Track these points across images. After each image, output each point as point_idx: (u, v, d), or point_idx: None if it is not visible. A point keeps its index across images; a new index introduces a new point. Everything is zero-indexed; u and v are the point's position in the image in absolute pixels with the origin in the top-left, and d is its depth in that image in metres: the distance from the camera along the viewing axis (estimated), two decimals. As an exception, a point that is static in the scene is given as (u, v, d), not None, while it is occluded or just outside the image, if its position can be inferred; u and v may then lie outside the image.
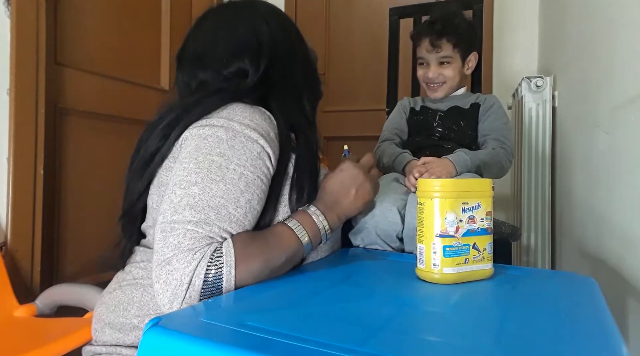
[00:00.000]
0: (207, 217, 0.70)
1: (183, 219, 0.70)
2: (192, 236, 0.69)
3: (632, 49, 1.05)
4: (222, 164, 0.74)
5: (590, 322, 0.57)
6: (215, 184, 0.72)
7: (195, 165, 0.74)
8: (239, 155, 0.75)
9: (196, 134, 0.78)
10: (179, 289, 0.66)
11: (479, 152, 1.28)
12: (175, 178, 0.74)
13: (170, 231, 0.69)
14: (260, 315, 0.56)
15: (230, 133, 0.76)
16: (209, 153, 0.75)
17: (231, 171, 0.74)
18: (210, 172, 0.73)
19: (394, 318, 0.56)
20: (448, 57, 1.41)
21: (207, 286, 0.67)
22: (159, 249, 0.69)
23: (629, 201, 1.04)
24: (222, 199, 0.72)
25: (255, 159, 0.76)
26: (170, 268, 0.67)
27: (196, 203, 0.71)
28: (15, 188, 1.43)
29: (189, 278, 0.66)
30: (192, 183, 0.72)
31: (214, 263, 0.67)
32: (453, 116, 1.44)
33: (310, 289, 0.69)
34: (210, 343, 0.47)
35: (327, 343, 0.46)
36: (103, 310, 0.81)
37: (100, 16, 1.81)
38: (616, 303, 1.07)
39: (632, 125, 1.02)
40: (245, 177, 0.75)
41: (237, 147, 0.76)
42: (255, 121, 0.79)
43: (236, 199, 0.73)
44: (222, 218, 0.71)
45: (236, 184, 0.73)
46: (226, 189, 0.73)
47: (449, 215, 0.69)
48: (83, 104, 1.70)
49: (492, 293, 0.71)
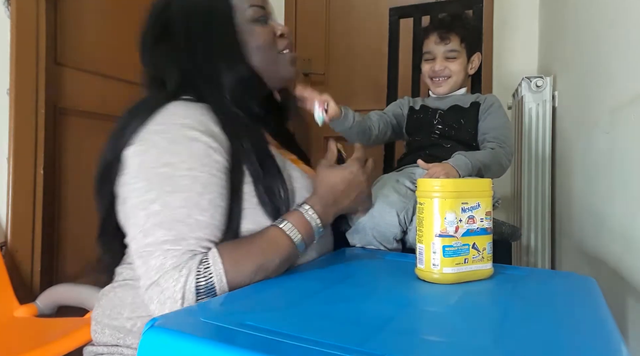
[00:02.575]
0: (179, 232, 0.70)
1: (157, 240, 0.69)
2: (172, 254, 0.69)
3: (632, 49, 1.05)
4: (171, 173, 0.72)
5: (590, 322, 0.57)
6: (172, 196, 0.71)
7: (147, 183, 0.72)
8: (185, 159, 0.73)
9: (136, 151, 0.75)
10: (175, 307, 0.66)
11: (478, 153, 1.28)
12: (133, 201, 0.73)
13: (148, 255, 0.69)
14: (260, 315, 0.56)
15: (168, 139, 0.75)
16: (154, 167, 0.73)
17: (182, 177, 0.72)
18: (163, 185, 0.72)
19: (394, 318, 0.56)
20: (455, 51, 1.42)
21: (202, 298, 0.67)
22: (143, 273, 0.69)
23: (629, 201, 1.04)
24: (185, 209, 0.71)
25: (202, 157, 0.74)
26: (160, 289, 0.67)
27: (162, 220, 0.70)
28: (15, 188, 1.43)
29: (180, 294, 0.66)
30: (150, 201, 0.71)
31: (203, 275, 0.68)
32: (453, 114, 1.45)
33: (310, 289, 0.69)
34: (210, 342, 0.47)
35: (326, 343, 0.46)
36: (100, 312, 0.81)
37: (100, 16, 1.81)
38: (616, 303, 1.07)
39: (632, 125, 1.02)
40: (198, 178, 0.73)
41: (180, 151, 0.74)
42: (192, 118, 0.77)
43: (197, 203, 0.72)
44: (193, 228, 0.71)
45: (192, 189, 0.72)
46: (184, 197, 0.71)
47: (448, 215, 0.69)
48: (83, 104, 1.70)
49: (492, 293, 0.71)
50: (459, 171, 1.18)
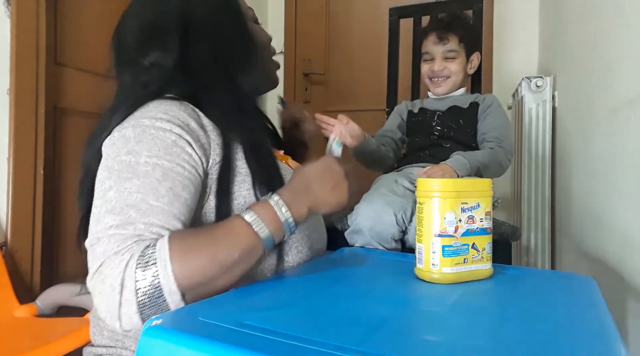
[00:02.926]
0: (128, 216, 0.65)
1: (105, 226, 0.65)
2: (116, 239, 0.63)
3: (632, 49, 1.05)
4: (132, 160, 0.69)
5: (589, 322, 0.57)
6: (129, 182, 0.67)
7: (107, 172, 0.70)
8: (149, 147, 0.70)
9: (106, 144, 0.74)
10: (112, 296, 0.60)
11: (477, 152, 1.29)
12: (95, 192, 0.70)
13: (96, 243, 0.64)
14: (259, 314, 0.56)
15: (138, 130, 0.72)
16: (117, 155, 0.70)
17: (142, 164, 0.69)
18: (121, 172, 0.68)
19: (393, 318, 0.56)
20: (454, 51, 1.43)
21: (142, 286, 0.60)
22: (90, 264, 0.64)
23: (629, 201, 1.04)
24: (139, 194, 0.67)
25: (169, 147, 0.71)
26: (101, 277, 0.61)
27: (114, 207, 0.66)
28: (15, 188, 1.43)
29: (119, 280, 0.60)
30: (106, 189, 0.68)
31: (146, 260, 0.61)
32: (452, 115, 1.45)
33: (309, 289, 0.68)
34: (209, 342, 0.47)
35: (325, 343, 0.46)
36: (97, 314, 0.79)
37: (100, 16, 1.81)
38: (616, 303, 1.07)
39: (632, 125, 1.02)
40: (160, 166, 0.69)
41: (145, 140, 0.70)
42: (170, 113, 0.74)
43: (154, 189, 0.67)
44: (144, 213, 0.66)
45: (151, 175, 0.68)
46: (141, 183, 0.67)
47: (448, 215, 0.69)
48: (83, 104, 1.70)
49: (491, 293, 0.70)
50: (457, 171, 1.18)
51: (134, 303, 0.60)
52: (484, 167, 1.26)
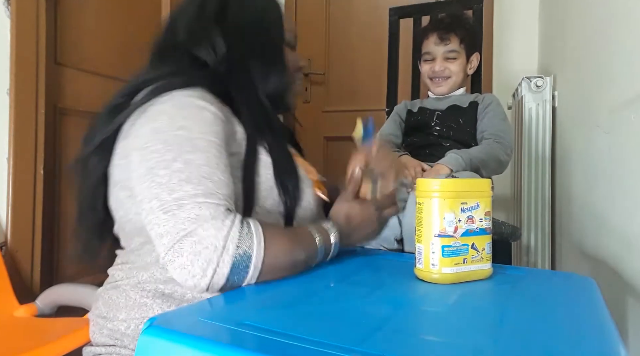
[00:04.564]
0: (207, 187, 0.67)
1: (187, 194, 0.66)
2: (207, 206, 0.65)
3: (631, 49, 1.05)
4: (188, 136, 0.71)
5: (589, 322, 0.57)
6: (193, 155, 0.69)
7: (164, 145, 0.70)
8: (197, 124, 0.73)
9: (143, 122, 0.74)
10: (213, 255, 0.63)
11: (472, 148, 1.29)
12: (148, 163, 0.70)
13: (178, 208, 0.65)
14: (259, 315, 0.56)
15: (177, 106, 0.74)
16: (169, 129, 0.71)
17: (198, 140, 0.71)
18: (182, 146, 0.70)
19: (392, 318, 0.56)
20: (454, 51, 1.43)
21: (239, 256, 0.64)
22: (171, 227, 0.64)
23: (629, 201, 1.04)
24: (207, 168, 0.69)
25: (212, 125, 0.74)
26: (196, 239, 0.63)
27: (188, 177, 0.67)
28: (15, 188, 1.43)
29: (222, 242, 0.63)
30: (170, 160, 0.69)
31: (245, 231, 0.65)
32: (452, 114, 1.45)
33: (309, 289, 0.69)
34: (209, 342, 0.47)
35: (325, 343, 0.46)
36: (96, 314, 0.81)
37: (100, 16, 1.81)
38: (616, 303, 1.07)
39: (632, 125, 1.02)
40: (212, 143, 0.72)
41: (190, 117, 0.73)
42: (199, 93, 0.77)
43: (218, 165, 0.71)
44: (219, 185, 0.69)
45: (209, 151, 0.71)
46: (205, 157, 0.70)
47: (447, 215, 0.69)
48: (83, 104, 1.70)
49: (491, 293, 0.70)
50: (450, 166, 1.19)
51: (229, 265, 0.64)
52: (482, 163, 1.26)
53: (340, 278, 0.75)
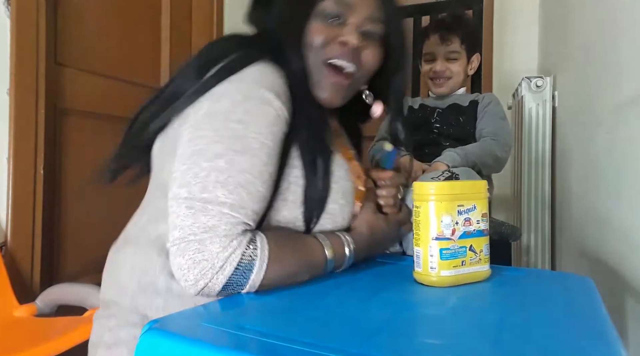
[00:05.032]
0: (240, 198, 0.66)
1: (216, 199, 0.65)
2: (228, 220, 0.65)
3: (632, 49, 1.05)
4: (242, 132, 0.68)
5: (588, 323, 0.57)
6: (241, 157, 0.67)
7: (215, 133, 0.68)
8: (257, 121, 0.69)
9: (205, 98, 0.72)
10: (209, 271, 0.63)
11: (468, 145, 1.30)
12: (194, 146, 0.68)
13: (201, 210, 0.65)
14: (259, 319, 0.57)
15: (243, 94, 0.71)
16: (227, 119, 0.69)
17: (252, 140, 0.68)
18: (233, 142, 0.68)
19: (392, 321, 0.56)
20: (455, 52, 1.44)
21: (236, 275, 0.64)
22: (187, 225, 0.64)
23: (629, 201, 1.04)
24: (249, 175, 0.67)
25: (271, 125, 0.71)
26: (201, 248, 0.63)
27: (226, 180, 0.66)
28: (15, 188, 1.43)
29: (222, 262, 0.63)
30: (216, 154, 0.67)
31: (249, 254, 0.64)
32: (452, 112, 1.46)
33: (308, 293, 0.69)
34: (209, 346, 0.47)
35: (324, 346, 0.46)
36: (106, 270, 0.80)
37: (100, 16, 1.81)
38: (616, 303, 1.07)
39: (633, 125, 1.02)
40: (265, 146, 0.69)
41: (253, 111, 0.70)
42: (272, 81, 0.73)
43: (261, 173, 0.69)
44: (253, 198, 0.67)
45: (259, 155, 0.69)
46: (252, 162, 0.68)
47: (444, 218, 0.69)
48: (83, 104, 1.70)
49: (490, 294, 0.71)
50: (445, 162, 1.20)
51: (222, 284, 0.64)
52: (478, 158, 1.27)
53: (340, 282, 0.75)
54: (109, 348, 0.73)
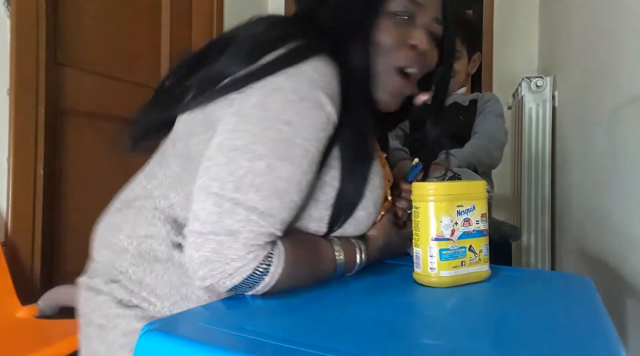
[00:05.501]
0: (272, 206, 0.63)
1: (246, 202, 0.62)
2: (252, 228, 0.62)
3: (632, 49, 1.05)
4: (289, 136, 0.65)
5: (587, 322, 0.56)
6: (282, 163, 0.64)
7: (261, 131, 0.65)
8: (306, 126, 0.66)
9: (259, 86, 0.67)
10: (218, 275, 0.61)
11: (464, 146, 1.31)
12: (237, 140, 0.65)
13: (229, 212, 0.62)
14: (259, 319, 0.56)
15: (298, 94, 0.66)
16: (276, 118, 0.65)
17: (297, 146, 0.65)
18: (277, 145, 0.64)
19: (392, 322, 0.56)
20: (457, 51, 1.43)
21: (243, 284, 0.63)
22: (209, 222, 0.62)
23: (629, 201, 1.04)
24: (286, 184, 0.65)
25: (319, 131, 0.67)
26: (217, 249, 0.61)
27: (262, 185, 0.63)
28: (15, 188, 1.43)
29: (232, 271, 0.61)
30: (258, 155, 0.64)
31: (261, 269, 0.63)
32: (452, 111, 1.46)
33: (308, 294, 0.69)
34: (209, 347, 0.47)
35: (324, 347, 0.46)
36: (99, 234, 0.79)
37: (100, 16, 1.81)
38: (616, 303, 1.07)
39: (633, 125, 1.02)
40: (309, 154, 0.66)
41: (305, 114, 0.66)
42: (328, 81, 0.69)
43: (299, 183, 0.66)
44: (285, 207, 0.65)
45: (301, 163, 0.66)
46: (292, 170, 0.65)
47: (444, 218, 0.69)
48: (83, 104, 1.70)
49: (489, 294, 0.71)
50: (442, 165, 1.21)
51: (228, 288, 0.63)
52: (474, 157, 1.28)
53: (339, 283, 0.75)
54: (101, 330, 0.72)
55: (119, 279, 0.72)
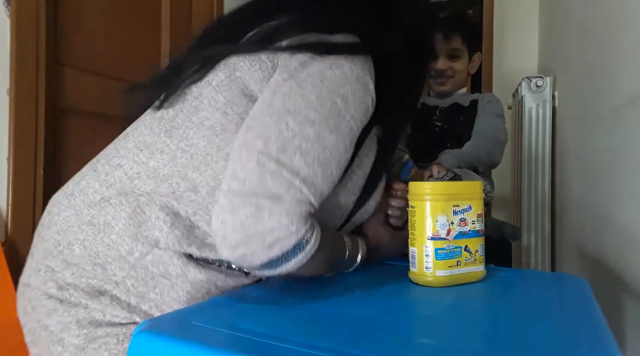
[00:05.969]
0: (315, 174, 0.62)
1: (291, 165, 0.61)
2: (294, 195, 0.60)
3: (632, 48, 1.05)
4: (341, 111, 0.66)
5: (582, 322, 0.57)
6: (330, 134, 0.64)
7: (318, 100, 0.65)
8: (356, 105, 0.68)
9: (318, 61, 0.68)
10: (255, 244, 0.58)
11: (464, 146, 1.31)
12: (290, 103, 0.65)
13: (272, 173, 0.60)
14: (253, 318, 0.56)
15: (355, 73, 0.69)
16: (334, 91, 0.66)
17: (346, 121, 0.66)
18: (330, 116, 0.65)
19: (387, 321, 0.56)
20: (458, 50, 1.44)
21: (274, 260, 0.60)
22: (250, 181, 0.59)
23: (629, 201, 1.04)
24: (330, 155, 0.64)
25: (363, 115, 0.70)
26: (257, 214, 0.58)
27: (308, 150, 0.62)
28: (15, 188, 1.43)
29: (273, 240, 0.58)
30: (309, 121, 0.63)
31: (299, 246, 0.60)
32: (453, 111, 1.46)
33: (303, 292, 0.69)
34: (202, 347, 0.47)
35: (319, 346, 0.46)
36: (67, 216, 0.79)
37: (100, 16, 1.81)
38: (616, 304, 1.07)
39: (633, 125, 1.02)
40: (352, 133, 0.68)
41: (357, 94, 0.68)
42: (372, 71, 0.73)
43: (339, 157, 0.66)
44: (326, 179, 0.64)
45: (345, 138, 0.67)
46: (336, 143, 0.65)
47: (440, 218, 0.69)
48: (83, 104, 1.71)
49: (485, 295, 0.71)
50: (443, 164, 1.21)
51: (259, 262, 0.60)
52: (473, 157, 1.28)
53: (334, 282, 0.75)
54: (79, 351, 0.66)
55: (107, 290, 0.66)
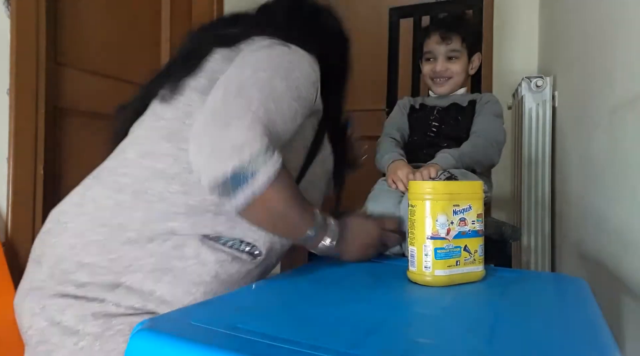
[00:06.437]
0: (268, 105, 0.73)
1: (249, 96, 0.72)
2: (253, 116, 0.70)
3: (632, 49, 1.05)
4: (289, 67, 0.80)
5: (580, 323, 0.57)
6: (280, 80, 0.77)
7: (268, 59, 0.80)
8: (302, 69, 0.81)
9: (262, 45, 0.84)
10: (221, 153, 0.67)
11: (462, 146, 1.30)
12: (243, 67, 0.78)
13: (232, 101, 0.72)
14: (252, 318, 0.57)
15: (296, 54, 0.83)
16: (279, 57, 0.81)
17: (294, 77, 0.79)
18: (279, 68, 0.79)
19: (386, 321, 0.56)
20: (456, 51, 1.43)
21: (246, 163, 0.66)
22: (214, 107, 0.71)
23: (629, 202, 1.04)
24: (282, 95, 0.76)
25: (310, 84, 0.82)
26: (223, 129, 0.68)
27: (262, 87, 0.74)
28: (15, 188, 1.43)
29: (240, 143, 0.67)
30: (261, 69, 0.77)
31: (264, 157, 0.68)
32: (452, 111, 1.45)
33: (302, 292, 0.69)
34: (201, 346, 0.47)
35: (318, 346, 0.46)
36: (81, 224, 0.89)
37: (100, 16, 1.81)
38: (616, 304, 1.07)
39: (632, 125, 1.02)
40: (300, 90, 0.79)
41: (302, 63, 0.82)
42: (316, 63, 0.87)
43: (289, 101, 0.77)
44: (278, 114, 0.75)
45: (294, 89, 0.78)
46: (287, 87, 0.77)
47: (440, 217, 0.69)
48: (83, 104, 1.70)
49: (483, 295, 0.71)
50: (440, 164, 1.20)
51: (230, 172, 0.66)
52: (471, 158, 1.27)
53: (333, 281, 0.75)
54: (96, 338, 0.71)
55: (122, 282, 0.73)
